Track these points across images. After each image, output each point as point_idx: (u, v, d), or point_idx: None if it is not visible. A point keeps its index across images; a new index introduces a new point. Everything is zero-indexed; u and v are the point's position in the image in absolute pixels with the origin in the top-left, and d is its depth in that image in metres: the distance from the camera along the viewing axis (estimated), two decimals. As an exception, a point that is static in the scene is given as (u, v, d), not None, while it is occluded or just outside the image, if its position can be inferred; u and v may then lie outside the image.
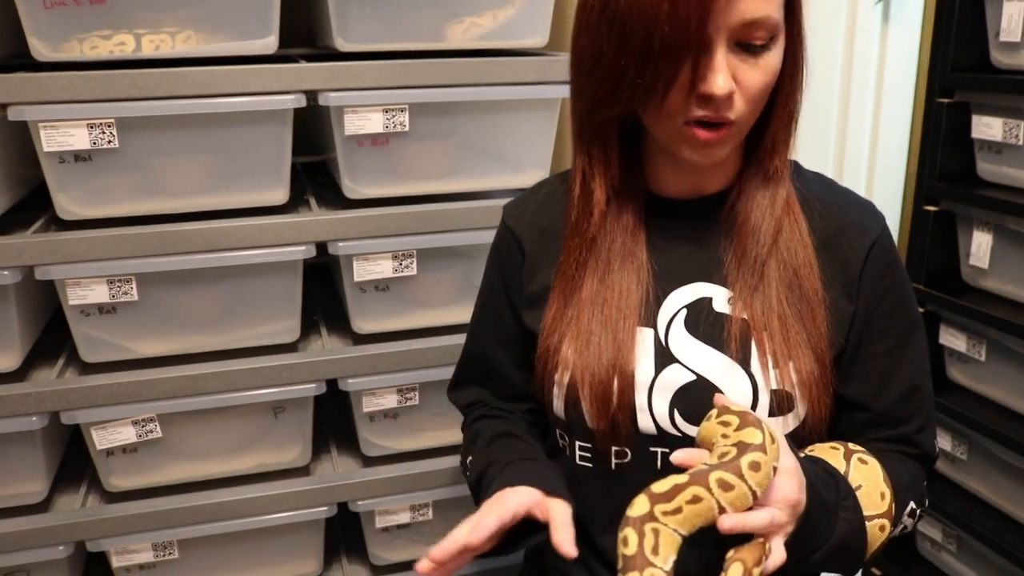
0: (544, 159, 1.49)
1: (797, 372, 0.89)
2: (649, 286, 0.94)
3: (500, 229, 1.09)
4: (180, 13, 1.28)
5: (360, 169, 1.39)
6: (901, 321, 0.95)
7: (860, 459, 0.90)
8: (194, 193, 1.34)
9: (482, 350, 1.12)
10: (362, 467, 1.53)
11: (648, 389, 0.92)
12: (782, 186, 0.93)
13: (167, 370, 1.36)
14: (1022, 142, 1.46)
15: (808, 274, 0.91)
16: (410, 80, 1.35)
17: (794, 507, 0.78)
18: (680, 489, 0.75)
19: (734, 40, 0.81)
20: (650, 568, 0.73)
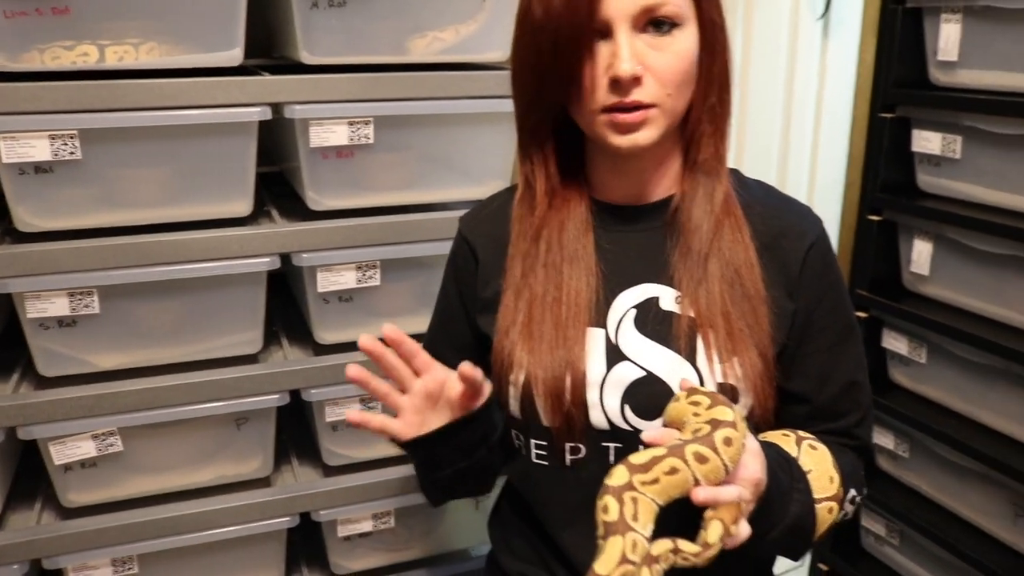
0: (504, 170, 1.52)
1: (741, 366, 0.94)
2: (599, 288, 0.99)
3: (456, 238, 1.14)
4: (143, 24, 1.27)
5: (324, 181, 1.40)
6: (839, 320, 1.01)
7: (810, 445, 0.96)
8: (157, 205, 1.33)
9: (439, 356, 1.14)
10: (324, 477, 1.53)
11: (600, 386, 0.97)
12: (719, 184, 0.98)
13: (129, 383, 1.35)
14: (959, 156, 1.53)
15: (749, 273, 0.96)
16: (376, 93, 1.36)
17: (757, 486, 0.83)
18: (658, 460, 0.78)
19: (637, 25, 0.88)
20: (631, 533, 0.76)
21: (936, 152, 1.57)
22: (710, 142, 0.97)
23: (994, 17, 1.46)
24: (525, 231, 1.03)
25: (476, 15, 1.44)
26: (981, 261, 1.54)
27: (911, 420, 1.63)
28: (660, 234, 1.00)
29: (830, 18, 2.20)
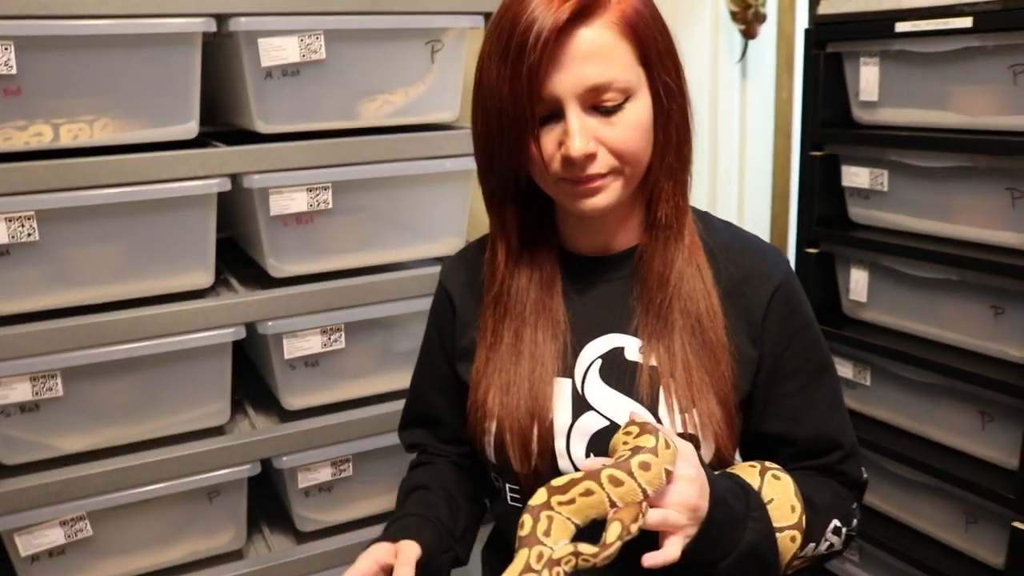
0: (460, 227, 1.55)
1: (700, 415, 0.96)
2: (567, 338, 1.01)
3: (437, 286, 1.16)
4: (95, 100, 1.27)
5: (284, 247, 1.41)
6: (811, 361, 1.02)
7: (774, 475, 0.98)
8: (117, 281, 1.32)
9: (423, 397, 1.19)
10: (298, 544, 1.52)
11: (566, 435, 0.99)
12: (682, 237, 0.99)
13: (97, 464, 1.32)
14: (887, 188, 1.63)
15: (710, 322, 0.97)
16: (333, 159, 1.38)
17: (693, 511, 0.84)
18: (575, 483, 0.83)
19: (587, 104, 0.89)
20: (539, 546, 0.82)
21: (865, 186, 1.67)
22: (670, 198, 0.97)
23: (908, 60, 1.57)
24: (491, 289, 1.04)
25: (424, 77, 1.48)
26: (915, 286, 1.63)
27: (861, 440, 1.70)
28: (625, 284, 1.02)
29: (747, 61, 2.32)
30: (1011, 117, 1.44)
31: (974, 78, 1.48)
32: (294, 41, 1.33)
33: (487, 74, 0.91)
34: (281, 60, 1.33)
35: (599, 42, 0.87)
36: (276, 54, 1.33)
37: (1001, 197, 1.47)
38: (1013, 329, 1.48)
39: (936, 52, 1.51)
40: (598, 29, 0.87)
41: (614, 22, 0.88)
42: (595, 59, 0.87)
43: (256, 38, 1.30)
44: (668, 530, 0.84)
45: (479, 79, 0.94)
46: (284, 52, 1.33)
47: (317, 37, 1.34)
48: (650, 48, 0.90)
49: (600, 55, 0.87)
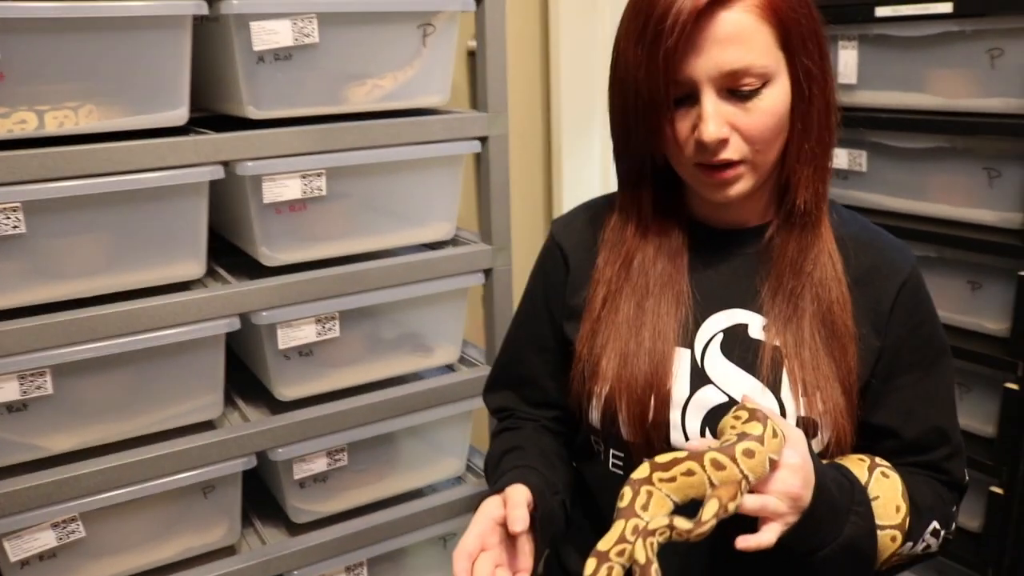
0: (452, 212, 1.54)
1: (824, 402, 0.94)
2: (689, 309, 0.99)
3: (547, 243, 1.14)
4: (80, 86, 1.22)
5: (277, 236, 1.38)
6: (928, 355, 1.00)
7: (883, 472, 0.97)
8: (106, 273, 1.27)
9: (518, 356, 1.16)
10: (292, 536, 1.49)
11: (683, 408, 0.98)
12: (818, 226, 0.97)
13: (89, 463, 1.28)
14: (866, 169, 1.67)
15: (841, 311, 0.96)
16: (327, 145, 1.36)
17: (795, 500, 0.85)
18: (678, 462, 0.84)
19: (723, 88, 0.87)
20: (635, 518, 0.83)
21: (844, 167, 1.70)
22: (809, 184, 0.95)
23: (887, 43, 1.60)
24: (614, 259, 1.03)
25: (413, 61, 1.45)
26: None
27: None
28: (753, 261, 1.00)
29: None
30: (988, 99, 1.49)
31: (952, 62, 1.53)
32: (287, 24, 1.30)
33: (623, 56, 0.90)
34: (273, 44, 1.30)
35: (738, 26, 0.86)
36: (268, 38, 1.29)
37: (978, 176, 1.52)
38: (990, 303, 1.54)
39: (915, 36, 1.55)
40: (738, 12, 0.85)
41: (755, 4, 0.86)
42: (733, 44, 0.85)
43: (248, 21, 1.26)
44: (767, 516, 0.84)
45: (615, 61, 0.93)
46: (277, 36, 1.29)
47: (310, 20, 1.31)
48: (792, 32, 0.88)
49: (738, 39, 0.86)
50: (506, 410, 1.19)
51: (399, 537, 1.55)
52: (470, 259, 1.54)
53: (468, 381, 1.57)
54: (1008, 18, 1.43)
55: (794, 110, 0.91)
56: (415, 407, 1.52)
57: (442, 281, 1.51)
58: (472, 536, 0.89)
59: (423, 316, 1.55)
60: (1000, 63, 1.47)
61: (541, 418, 1.16)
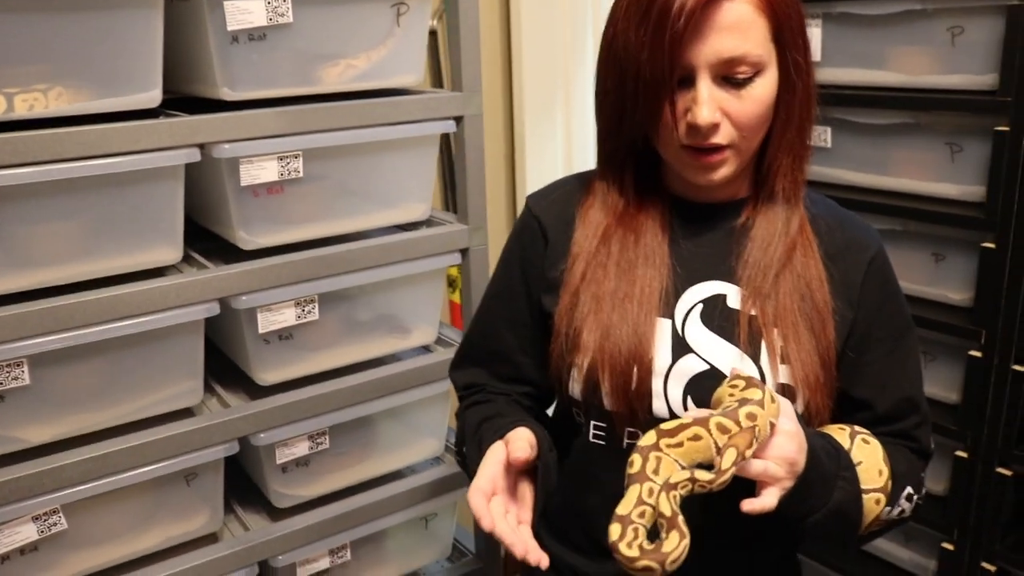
0: (427, 192, 1.53)
1: (803, 371, 0.98)
2: (669, 281, 1.02)
3: (524, 216, 1.14)
4: (47, 67, 1.18)
5: (254, 219, 1.36)
6: (897, 329, 1.05)
7: (863, 439, 1.01)
8: (80, 260, 1.25)
9: (492, 330, 1.16)
10: (274, 521, 1.49)
11: (664, 376, 1.00)
12: (796, 209, 1.02)
13: (69, 454, 1.25)
14: (830, 144, 1.71)
15: (819, 287, 1.00)
16: (303, 126, 1.34)
17: (792, 465, 0.89)
18: (684, 428, 0.87)
19: (718, 75, 0.91)
20: (649, 482, 0.85)
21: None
22: (788, 172, 1.00)
23: (849, 21, 1.64)
24: (592, 233, 1.05)
25: (386, 41, 1.44)
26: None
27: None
28: (731, 234, 1.04)
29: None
30: (949, 76, 1.53)
31: (914, 39, 1.56)
32: (261, 4, 1.27)
33: (623, 37, 0.92)
34: (247, 24, 1.27)
35: (738, 16, 0.89)
36: (243, 17, 1.27)
37: (941, 151, 1.57)
38: (953, 274, 1.59)
39: (878, 14, 1.59)
40: (739, 3, 0.89)
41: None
42: (732, 32, 0.89)
43: (222, 0, 1.24)
44: (767, 480, 0.88)
45: (611, 41, 0.95)
46: (250, 15, 1.27)
47: (284, 0, 1.29)
48: (784, 25, 0.92)
49: (737, 29, 0.89)
50: (475, 386, 1.19)
51: (382, 519, 1.55)
52: (447, 239, 1.54)
53: (447, 361, 1.56)
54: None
55: (779, 100, 0.95)
56: (395, 388, 1.52)
57: (420, 262, 1.51)
58: (485, 477, 0.93)
59: (401, 297, 1.54)
60: (960, 40, 1.51)
61: (513, 393, 1.17)
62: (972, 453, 1.58)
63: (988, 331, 1.53)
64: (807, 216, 1.04)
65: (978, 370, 1.55)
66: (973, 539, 1.63)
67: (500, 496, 0.93)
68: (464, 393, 1.19)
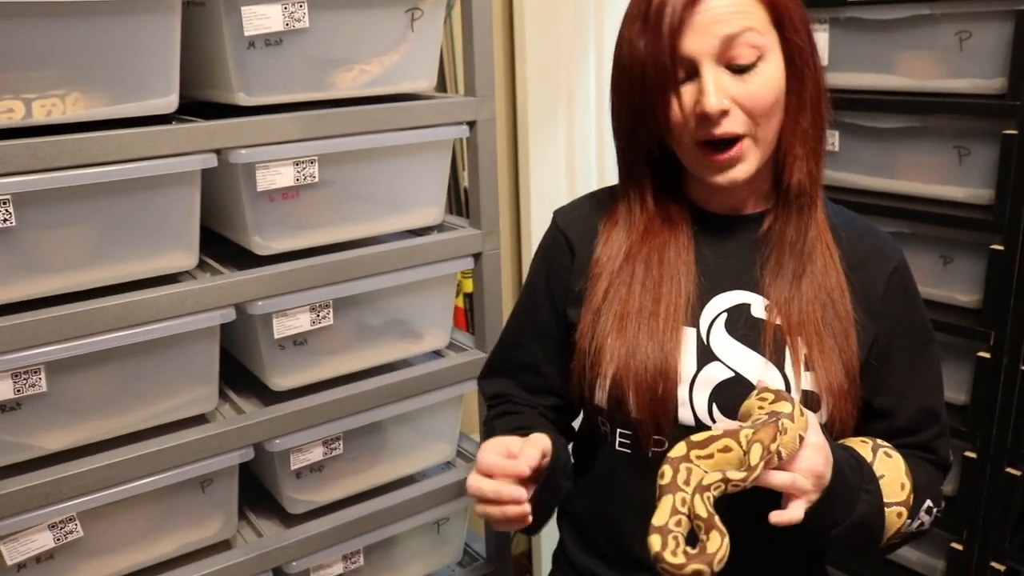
0: (440, 197, 1.54)
1: (828, 378, 0.99)
2: (693, 291, 1.03)
3: (551, 231, 1.16)
4: (66, 72, 1.17)
5: (269, 224, 1.36)
6: (918, 339, 1.06)
7: (886, 452, 1.02)
8: (97, 266, 1.24)
9: (519, 343, 1.19)
10: (287, 528, 1.48)
11: (690, 384, 1.01)
12: (815, 207, 1.02)
13: (86, 461, 1.25)
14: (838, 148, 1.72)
15: (841, 297, 1.01)
16: (320, 131, 1.34)
17: (818, 478, 0.89)
18: (714, 439, 0.88)
19: (722, 62, 0.92)
20: (681, 492, 0.86)
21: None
22: (803, 165, 1.00)
23: (857, 27, 1.65)
24: (618, 244, 1.06)
25: (399, 46, 1.44)
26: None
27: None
28: (753, 244, 1.05)
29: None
30: (957, 80, 1.55)
31: (922, 44, 1.58)
32: (277, 9, 1.27)
33: (627, 42, 0.95)
34: (264, 29, 1.27)
35: (734, 3, 0.91)
36: (260, 23, 1.26)
37: (948, 155, 1.58)
38: (961, 276, 1.61)
39: (886, 19, 1.60)
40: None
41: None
42: (729, 17, 0.91)
43: (239, 5, 1.24)
44: (794, 493, 0.88)
45: (620, 51, 0.97)
46: (268, 20, 1.27)
47: (301, 5, 1.29)
48: (782, 12, 0.94)
49: (734, 13, 0.91)
50: (503, 396, 1.20)
51: (394, 524, 1.55)
52: (460, 244, 1.54)
53: (459, 366, 1.57)
54: (976, 1, 1.49)
55: (788, 88, 0.96)
56: (409, 393, 1.52)
57: (433, 266, 1.51)
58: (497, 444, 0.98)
59: (414, 302, 1.54)
60: (968, 45, 1.52)
61: (539, 405, 1.18)
62: (981, 453, 1.60)
63: (997, 333, 1.55)
64: (828, 227, 1.04)
65: (987, 371, 1.56)
66: (982, 539, 1.64)
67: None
68: (492, 402, 1.21)
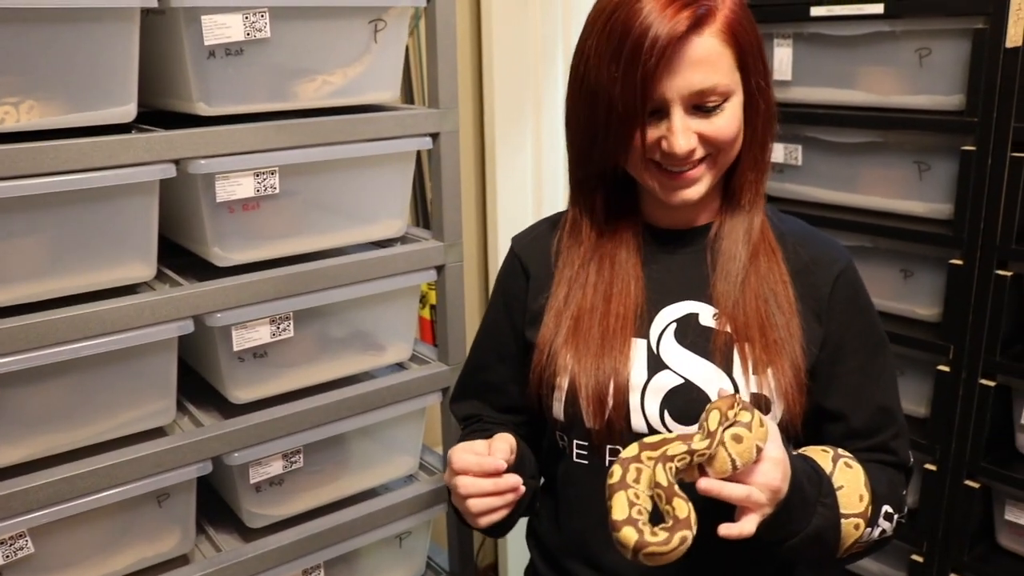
0: (403, 208, 1.53)
1: (775, 378, 1.01)
2: (643, 302, 1.06)
3: (508, 257, 1.21)
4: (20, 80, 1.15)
5: (229, 235, 1.34)
6: (869, 341, 1.09)
7: (846, 463, 1.03)
8: (52, 277, 1.22)
9: (485, 363, 1.23)
10: (247, 542, 1.46)
11: (641, 392, 1.03)
12: (756, 217, 1.06)
13: (37, 476, 1.22)
14: (801, 163, 1.74)
15: (783, 290, 1.04)
16: (282, 142, 1.33)
17: (774, 492, 0.90)
18: (666, 442, 0.89)
19: (690, 105, 0.95)
20: (631, 488, 0.87)
21: (780, 160, 1.77)
22: (752, 187, 1.05)
23: (820, 42, 1.67)
24: (572, 260, 1.09)
25: (362, 57, 1.44)
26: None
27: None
28: (701, 256, 1.08)
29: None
30: (917, 96, 1.57)
31: (883, 60, 1.60)
32: (238, 19, 1.26)
33: (595, 71, 0.95)
34: (225, 38, 1.26)
35: (707, 50, 0.93)
36: (220, 32, 1.25)
37: (909, 169, 1.60)
38: (921, 290, 1.62)
39: (848, 35, 1.62)
40: (707, 37, 0.93)
41: (720, 30, 0.93)
42: (702, 66, 0.93)
43: (199, 15, 1.23)
44: (748, 506, 0.89)
45: (582, 73, 0.98)
46: (228, 30, 1.26)
47: (262, 15, 1.28)
48: (747, 53, 0.96)
49: (707, 62, 0.93)
50: (473, 417, 1.24)
51: (355, 538, 1.53)
52: (423, 256, 1.53)
53: (422, 378, 1.56)
54: (936, 20, 1.51)
55: (746, 121, 1.00)
56: (370, 406, 1.51)
57: (396, 278, 1.50)
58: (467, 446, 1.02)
59: (376, 314, 1.53)
60: (928, 62, 1.54)
61: (508, 423, 1.21)
62: (941, 466, 1.61)
63: (956, 346, 1.56)
64: (773, 232, 1.08)
65: (946, 384, 1.58)
66: (942, 551, 1.65)
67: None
68: (464, 424, 1.25)
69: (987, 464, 1.57)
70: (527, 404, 1.15)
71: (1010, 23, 1.40)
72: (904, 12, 1.53)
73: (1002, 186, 1.47)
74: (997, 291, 1.50)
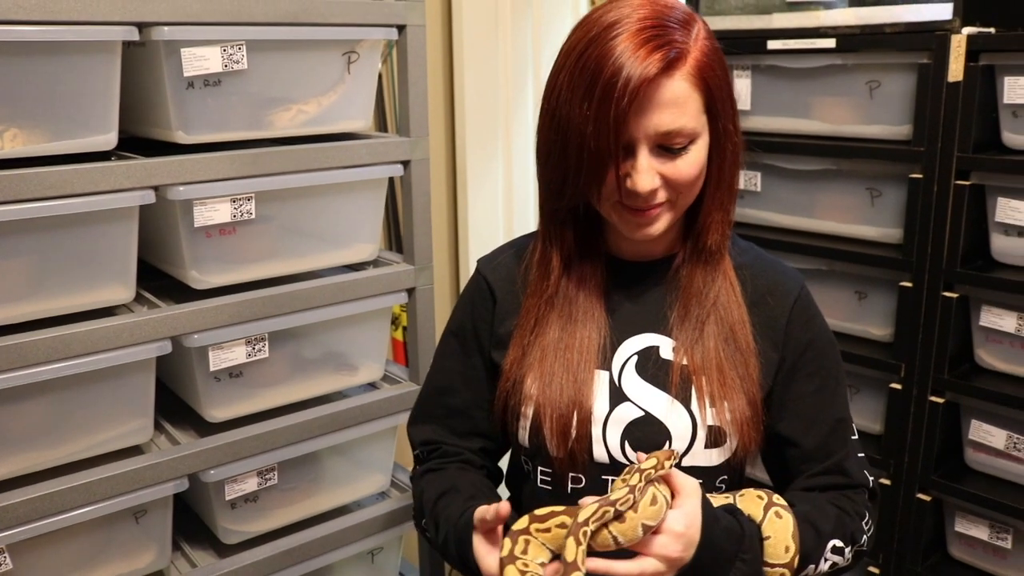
0: (375, 233, 1.58)
1: (731, 412, 1.05)
2: (606, 335, 1.09)
3: (474, 278, 1.22)
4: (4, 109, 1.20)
5: (206, 259, 1.39)
6: (825, 366, 1.12)
7: (777, 512, 1.05)
8: (32, 299, 1.25)
9: (448, 387, 1.22)
10: (221, 558, 1.49)
11: (603, 423, 1.07)
12: (721, 260, 1.09)
13: (16, 493, 1.25)
14: (760, 189, 1.81)
15: (742, 330, 1.08)
16: (258, 169, 1.38)
17: (673, 563, 0.93)
18: (554, 515, 0.95)
19: (656, 145, 0.97)
20: (519, 560, 0.92)
21: (740, 187, 1.83)
22: (718, 228, 1.07)
23: (777, 74, 1.74)
24: (539, 290, 1.11)
25: (336, 87, 1.49)
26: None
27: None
28: (662, 290, 1.11)
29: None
30: (868, 126, 1.64)
31: (836, 91, 1.67)
32: (216, 51, 1.31)
33: (567, 109, 0.96)
34: (203, 70, 1.31)
35: (676, 92, 0.94)
36: (199, 64, 1.31)
37: (861, 196, 1.67)
38: (874, 311, 1.69)
39: (803, 68, 1.70)
40: (678, 80, 0.94)
41: (691, 72, 0.95)
42: (670, 108, 0.94)
43: (179, 47, 1.28)
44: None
45: (554, 107, 0.99)
46: (207, 62, 1.31)
47: (240, 47, 1.33)
48: (715, 97, 0.98)
49: (675, 104, 0.95)
50: (431, 443, 1.24)
51: (328, 553, 1.57)
52: (394, 279, 1.58)
53: (393, 398, 1.61)
54: (884, 54, 1.59)
55: (711, 162, 1.02)
56: (343, 424, 1.55)
57: (368, 301, 1.55)
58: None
59: (349, 335, 1.58)
60: (878, 93, 1.62)
61: (465, 450, 1.22)
62: (894, 480, 1.67)
63: (907, 364, 1.63)
64: (732, 264, 1.11)
65: (898, 401, 1.64)
66: (896, 563, 1.71)
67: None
68: (421, 451, 1.25)
69: (938, 478, 1.63)
70: (490, 428, 1.18)
71: (952, 59, 1.48)
72: (855, 46, 1.60)
73: (947, 212, 1.54)
74: (944, 312, 1.57)
